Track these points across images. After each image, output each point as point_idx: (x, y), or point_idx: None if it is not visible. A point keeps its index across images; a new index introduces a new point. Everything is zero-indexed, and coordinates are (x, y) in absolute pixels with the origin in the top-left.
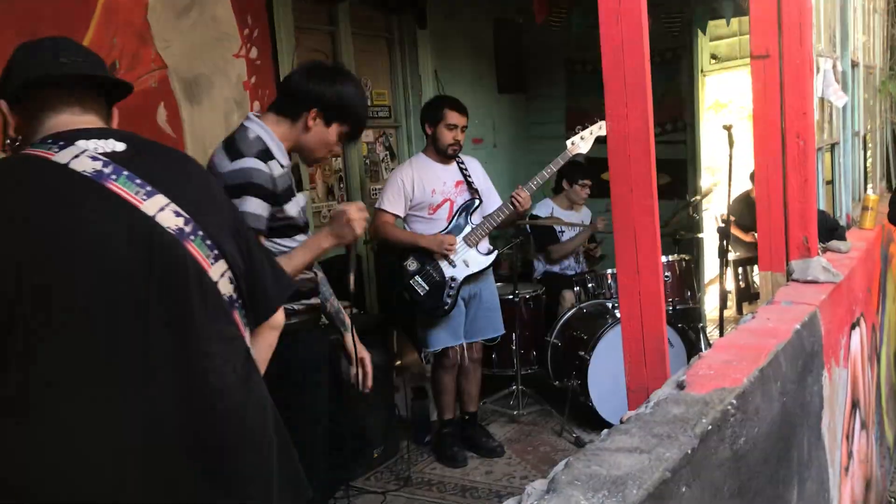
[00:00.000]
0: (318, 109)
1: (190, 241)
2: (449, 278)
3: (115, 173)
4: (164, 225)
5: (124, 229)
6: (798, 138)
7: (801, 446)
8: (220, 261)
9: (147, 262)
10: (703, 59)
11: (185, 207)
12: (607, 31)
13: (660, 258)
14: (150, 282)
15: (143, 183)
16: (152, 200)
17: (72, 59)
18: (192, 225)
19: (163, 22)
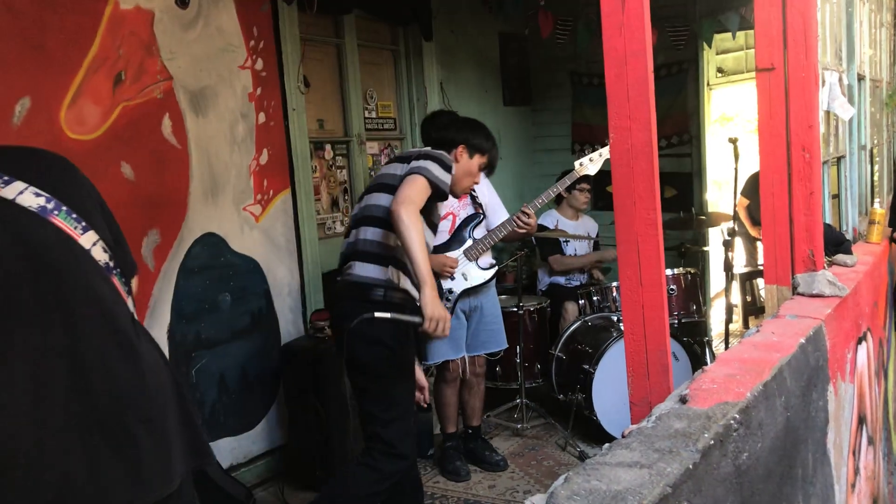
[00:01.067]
0: (465, 146)
1: (53, 215)
2: (446, 290)
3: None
4: (26, 205)
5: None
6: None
7: (805, 462)
8: (90, 231)
9: (15, 241)
10: (709, 73)
11: (44, 189)
12: (610, 44)
13: (663, 271)
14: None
15: (0, 174)
16: (10, 187)
17: None
18: (53, 202)
19: (169, 33)
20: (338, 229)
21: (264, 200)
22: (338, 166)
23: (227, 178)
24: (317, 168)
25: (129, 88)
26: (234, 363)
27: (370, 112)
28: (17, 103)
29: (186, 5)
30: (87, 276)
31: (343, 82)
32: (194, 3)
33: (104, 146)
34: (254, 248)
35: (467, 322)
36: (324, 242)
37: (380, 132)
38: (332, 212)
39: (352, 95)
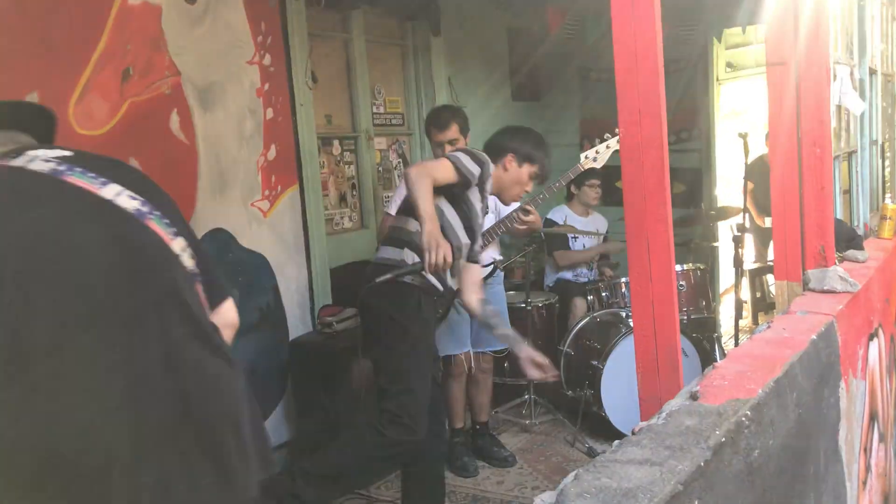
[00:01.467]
0: (514, 154)
1: (149, 218)
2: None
3: (69, 170)
4: (123, 206)
5: (87, 215)
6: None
7: (817, 459)
8: (179, 237)
9: (115, 241)
10: (718, 68)
11: (136, 192)
12: (620, 39)
13: (673, 267)
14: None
15: (96, 175)
16: (107, 188)
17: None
18: (148, 206)
19: (176, 29)
20: (346, 225)
21: (272, 196)
22: (346, 162)
23: (235, 173)
24: (325, 164)
25: (137, 84)
26: (243, 358)
27: (378, 107)
28: (26, 98)
29: (194, 1)
30: (178, 281)
31: (351, 78)
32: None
33: (112, 142)
34: (262, 244)
35: (471, 317)
36: (332, 238)
37: (388, 128)
38: (340, 207)
39: (360, 91)
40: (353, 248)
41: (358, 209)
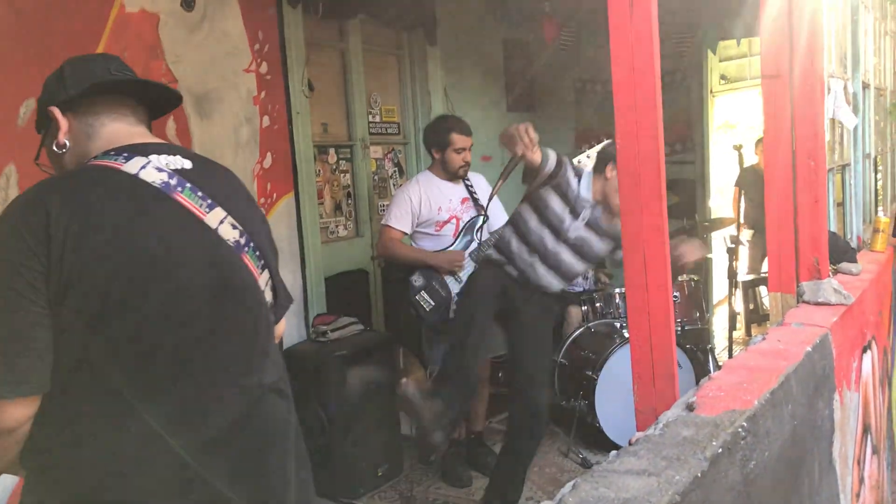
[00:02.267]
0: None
1: (244, 252)
2: (455, 294)
3: (180, 185)
4: (225, 237)
5: (194, 240)
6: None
7: (811, 471)
8: (265, 271)
9: (216, 272)
10: (712, 80)
11: (238, 221)
12: (618, 50)
13: (669, 277)
14: (219, 289)
15: (205, 196)
16: (213, 213)
17: (123, 72)
18: (245, 237)
19: (174, 36)
20: (340, 233)
21: (267, 204)
22: (341, 170)
23: None
24: (320, 172)
25: None
26: None
27: (374, 116)
28: (23, 105)
29: (192, 8)
30: (260, 322)
31: (347, 86)
32: (200, 6)
33: None
34: None
35: None
36: (326, 246)
37: (384, 136)
38: (335, 216)
39: (356, 100)
40: (347, 257)
41: (353, 218)
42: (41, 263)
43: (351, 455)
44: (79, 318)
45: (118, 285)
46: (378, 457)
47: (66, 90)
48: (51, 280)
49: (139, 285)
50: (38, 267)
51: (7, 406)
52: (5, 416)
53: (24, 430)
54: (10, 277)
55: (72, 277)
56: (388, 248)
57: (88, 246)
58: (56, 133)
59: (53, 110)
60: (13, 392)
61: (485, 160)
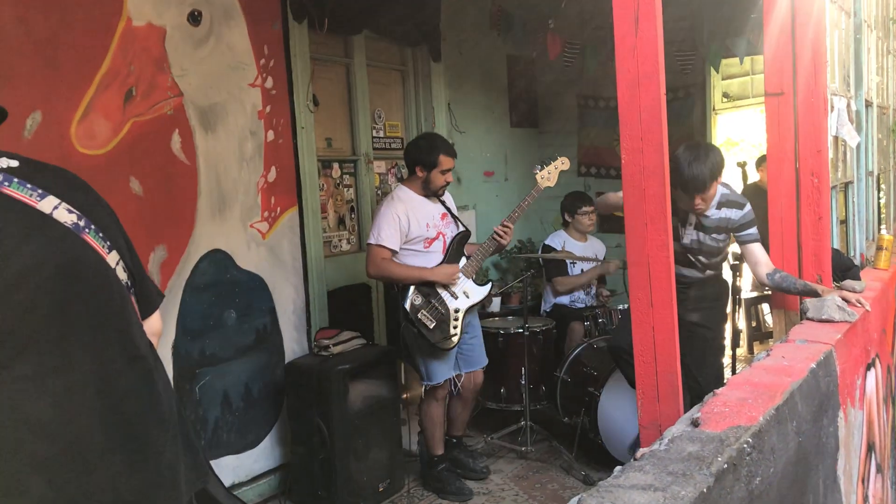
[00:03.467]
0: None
1: (85, 232)
2: (453, 310)
3: (7, 180)
4: (61, 220)
5: (24, 227)
6: (812, 176)
7: (816, 489)
8: (113, 251)
9: (53, 254)
10: (715, 98)
11: (75, 206)
12: (623, 66)
13: (674, 293)
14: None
15: (34, 187)
16: (45, 201)
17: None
18: (84, 220)
19: (180, 50)
20: (343, 247)
21: (271, 218)
22: (345, 185)
23: (235, 194)
24: (324, 186)
25: (140, 104)
26: (238, 380)
27: (378, 131)
28: (29, 117)
29: (198, 22)
30: (114, 297)
31: (352, 101)
32: (206, 21)
33: (114, 161)
34: (260, 266)
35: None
36: (329, 260)
37: (387, 151)
38: (338, 230)
39: (360, 115)
40: (350, 271)
41: (356, 232)
42: None
43: (352, 470)
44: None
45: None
46: (379, 472)
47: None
48: None
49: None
50: None
51: None
52: None
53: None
54: None
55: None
56: (380, 268)
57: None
58: None
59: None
60: None
61: (487, 176)
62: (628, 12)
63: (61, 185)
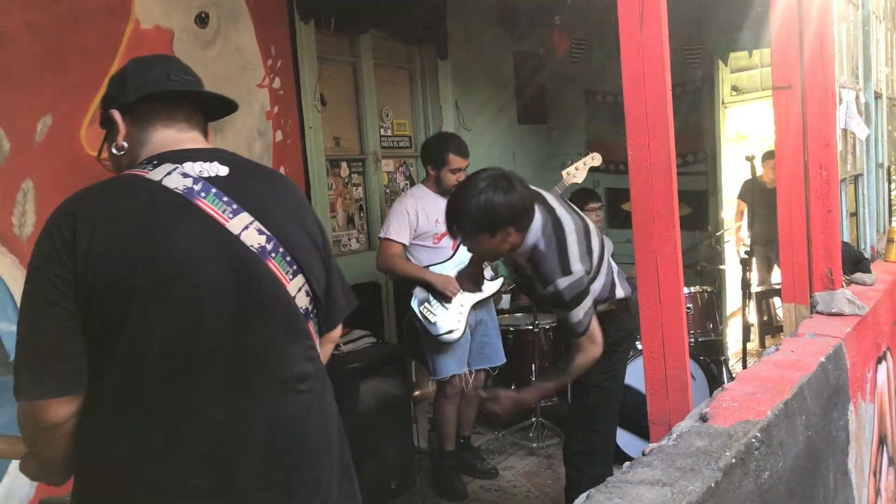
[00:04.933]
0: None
1: (270, 258)
2: (458, 304)
3: (205, 191)
4: (248, 243)
5: (211, 245)
6: (821, 169)
7: (827, 482)
8: (298, 276)
9: (232, 278)
10: (724, 91)
11: (267, 226)
12: (629, 63)
13: (682, 288)
14: (237, 296)
15: (230, 201)
16: (237, 219)
17: (182, 78)
18: (273, 242)
19: (188, 52)
20: (353, 246)
21: None
22: (353, 184)
23: None
24: (333, 185)
25: None
26: None
27: (386, 130)
28: (39, 121)
29: (206, 24)
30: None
31: (359, 100)
32: (213, 23)
33: None
34: None
35: (471, 336)
36: (339, 259)
37: (395, 150)
38: (347, 229)
39: (368, 113)
40: (360, 270)
41: (365, 231)
42: (69, 270)
43: (364, 468)
44: (103, 321)
45: (136, 290)
46: (391, 470)
47: (125, 94)
48: (78, 285)
49: (156, 290)
50: (65, 274)
51: (50, 404)
52: (49, 413)
53: (69, 425)
54: (43, 286)
55: (95, 283)
56: (387, 262)
57: (109, 253)
58: (115, 136)
59: (114, 113)
60: (51, 392)
61: None
62: (633, 9)
63: (266, 199)
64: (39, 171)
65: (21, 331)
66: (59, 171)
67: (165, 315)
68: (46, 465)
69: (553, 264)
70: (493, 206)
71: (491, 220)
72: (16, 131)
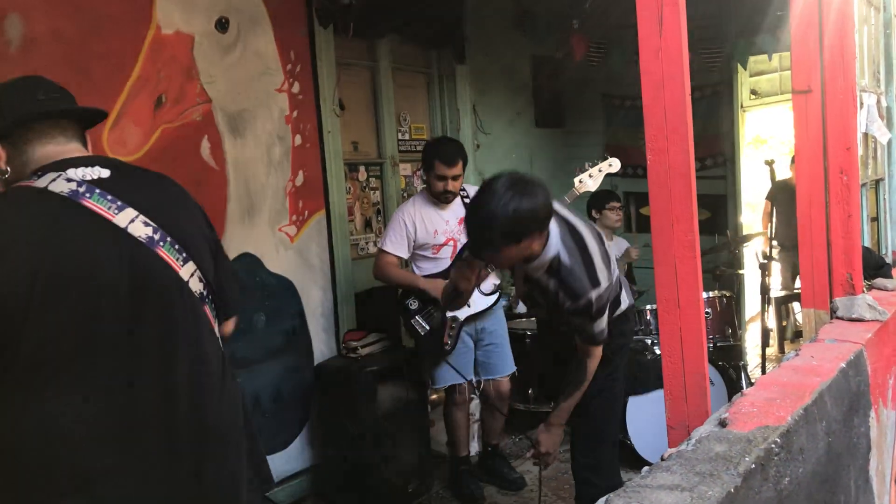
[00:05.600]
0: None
1: (159, 246)
2: (450, 318)
3: (89, 192)
4: (135, 234)
5: (101, 240)
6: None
7: (847, 489)
8: (189, 262)
9: (126, 266)
10: (743, 95)
11: (153, 219)
12: (648, 67)
13: (701, 293)
14: (129, 285)
15: (114, 199)
16: (123, 214)
17: (49, 96)
18: (160, 233)
19: (208, 57)
20: (370, 250)
21: (299, 221)
22: (371, 188)
23: (264, 199)
24: (351, 189)
25: (170, 111)
26: (268, 383)
27: (403, 134)
28: None
29: (226, 30)
30: (185, 310)
31: (377, 105)
32: (233, 28)
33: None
34: (288, 269)
35: (475, 346)
36: (357, 263)
37: (413, 154)
38: (365, 232)
39: (385, 118)
40: None
41: None
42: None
43: (382, 471)
44: (8, 322)
45: (37, 291)
46: (408, 473)
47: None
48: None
49: (56, 287)
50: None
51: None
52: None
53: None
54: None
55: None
56: (382, 271)
57: (7, 259)
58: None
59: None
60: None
61: None
62: (652, 13)
63: (147, 195)
64: None
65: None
66: None
67: (65, 312)
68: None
69: (583, 278)
70: (521, 213)
71: (519, 227)
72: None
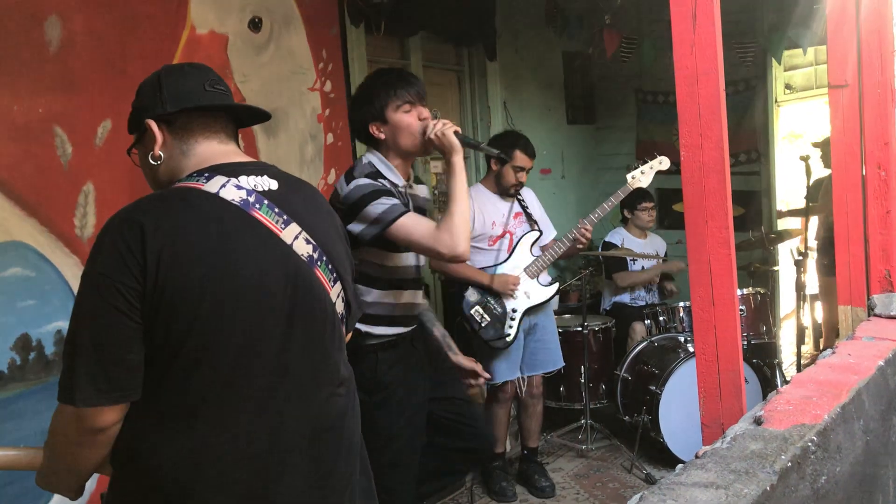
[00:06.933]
0: (370, 121)
1: (317, 266)
2: (510, 310)
3: (258, 202)
4: (299, 252)
5: (269, 256)
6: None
7: (886, 489)
8: (337, 283)
9: (290, 285)
10: (777, 89)
11: (313, 236)
12: (682, 62)
13: (735, 291)
14: (293, 302)
15: (281, 212)
16: (289, 229)
17: (217, 89)
18: (318, 251)
19: (242, 57)
20: None
21: None
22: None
23: None
24: None
25: None
26: None
27: None
28: (100, 126)
29: (259, 29)
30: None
31: None
32: (266, 27)
33: None
34: None
35: (524, 341)
36: None
37: None
38: None
39: None
40: None
41: None
42: (137, 282)
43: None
44: (167, 332)
45: (206, 303)
46: None
47: (162, 105)
48: (145, 298)
49: (224, 304)
50: (134, 285)
51: (103, 411)
52: (101, 418)
53: (114, 431)
54: (109, 294)
55: (164, 295)
56: (445, 266)
57: (179, 267)
58: (152, 145)
59: (150, 123)
60: (109, 400)
61: (544, 173)
62: (685, 9)
63: (307, 209)
64: (99, 173)
65: (79, 336)
66: (117, 175)
67: (231, 327)
68: (73, 475)
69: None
70: None
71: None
72: (78, 135)
